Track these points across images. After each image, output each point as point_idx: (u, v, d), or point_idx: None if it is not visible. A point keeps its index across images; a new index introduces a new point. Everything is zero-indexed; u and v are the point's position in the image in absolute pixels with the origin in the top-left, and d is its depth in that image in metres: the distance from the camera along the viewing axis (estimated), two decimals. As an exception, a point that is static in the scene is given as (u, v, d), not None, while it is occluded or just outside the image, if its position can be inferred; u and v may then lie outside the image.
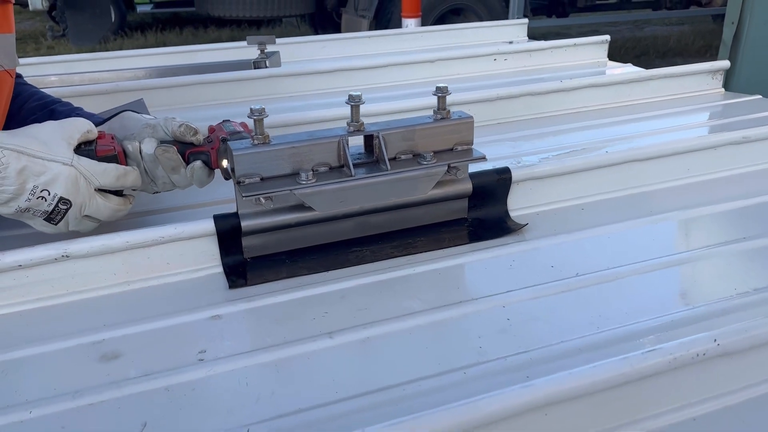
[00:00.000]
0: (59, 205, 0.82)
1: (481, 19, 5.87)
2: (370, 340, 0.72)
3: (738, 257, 0.86)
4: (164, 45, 7.52)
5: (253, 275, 0.85)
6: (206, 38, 7.81)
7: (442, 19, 5.68)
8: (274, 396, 0.63)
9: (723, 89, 1.64)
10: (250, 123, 0.88)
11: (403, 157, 0.90)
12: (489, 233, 0.94)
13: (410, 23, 3.85)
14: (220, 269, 0.87)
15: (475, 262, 0.87)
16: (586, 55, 2.00)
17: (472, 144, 0.93)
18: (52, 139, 0.83)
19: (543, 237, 0.92)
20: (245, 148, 0.83)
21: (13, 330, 0.76)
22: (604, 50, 2.02)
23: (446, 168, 0.89)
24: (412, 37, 2.31)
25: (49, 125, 0.85)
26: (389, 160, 0.88)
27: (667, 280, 0.83)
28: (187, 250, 0.85)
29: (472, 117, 0.92)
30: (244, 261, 0.88)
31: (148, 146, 0.91)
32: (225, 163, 0.90)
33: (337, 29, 6.38)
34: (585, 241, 0.91)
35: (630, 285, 0.81)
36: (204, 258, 0.87)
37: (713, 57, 7.71)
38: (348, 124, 0.88)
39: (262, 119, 0.83)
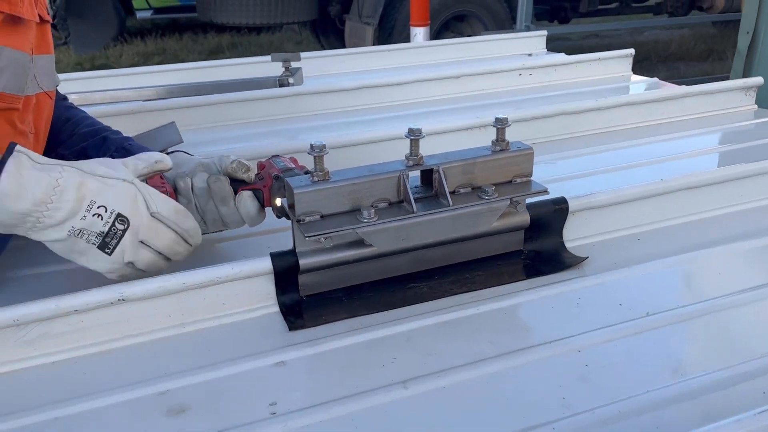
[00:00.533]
0: (116, 224, 0.77)
1: (485, 26, 5.85)
2: (446, 389, 0.69)
3: (809, 293, 0.84)
4: (164, 51, 7.50)
5: (312, 316, 0.82)
6: (206, 44, 7.78)
7: (446, 26, 5.66)
8: (356, 455, 0.61)
9: (756, 105, 1.62)
10: (303, 159, 0.85)
11: (462, 190, 0.87)
12: (548, 267, 0.91)
13: (419, 32, 3.83)
14: (275, 308, 0.84)
15: (540, 300, 0.84)
16: (610, 69, 1.99)
17: (531, 175, 0.90)
18: (116, 164, 0.81)
19: (604, 271, 0.90)
20: (305, 185, 0.80)
21: (70, 379, 0.73)
22: (628, 64, 2.01)
23: (508, 202, 0.86)
24: (432, 50, 2.28)
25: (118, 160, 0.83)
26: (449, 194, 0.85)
27: (747, 319, 0.80)
28: (242, 289, 0.83)
29: (531, 148, 0.89)
30: (300, 299, 0.85)
31: (200, 180, 0.88)
32: (279, 201, 0.87)
33: (339, 36, 6.35)
34: (649, 275, 0.89)
35: (706, 325, 0.78)
36: (259, 297, 0.84)
37: (715, 62, 7.72)
38: (407, 157, 0.85)
39: (323, 156, 0.80)
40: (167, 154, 0.94)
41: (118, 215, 0.77)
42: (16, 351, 0.74)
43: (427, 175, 0.87)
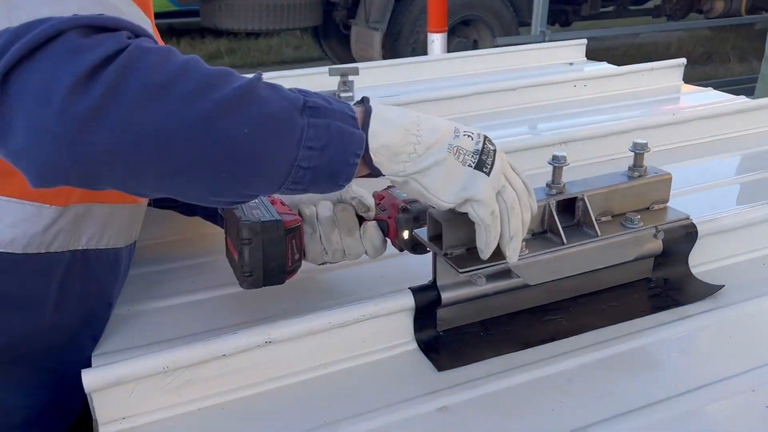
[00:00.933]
0: (486, 143, 0.69)
1: (491, 30, 5.84)
2: (630, 436, 0.65)
3: None
4: (163, 56, 7.41)
5: (454, 354, 0.78)
6: (204, 49, 7.71)
7: (452, 31, 5.64)
8: None
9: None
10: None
11: (603, 219, 0.84)
12: (683, 296, 0.88)
13: (436, 38, 3.80)
14: (412, 345, 0.80)
15: (690, 333, 0.81)
16: (662, 79, 1.96)
17: (667, 201, 0.87)
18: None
19: (743, 300, 0.87)
20: (452, 217, 0.76)
21: (217, 428, 0.68)
22: (680, 73, 1.98)
23: (654, 230, 0.83)
24: (470, 61, 2.24)
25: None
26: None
27: None
28: (382, 326, 0.79)
29: (669, 174, 0.86)
30: (437, 335, 0.81)
31: (325, 209, 0.84)
32: (406, 233, 0.83)
33: (343, 41, 6.31)
34: (792, 304, 0.86)
35: None
36: (397, 333, 0.80)
37: (715, 65, 7.71)
38: (549, 185, 0.82)
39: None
40: None
41: (485, 137, 0.70)
42: (162, 398, 0.70)
43: (567, 203, 0.83)
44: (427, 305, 0.80)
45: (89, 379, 0.65)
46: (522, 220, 0.72)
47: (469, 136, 0.69)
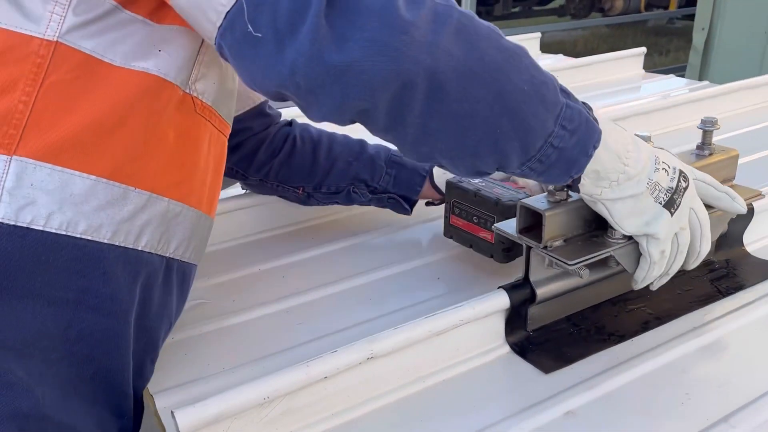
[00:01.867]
0: (681, 180, 0.69)
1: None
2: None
3: None
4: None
5: (556, 355, 0.73)
6: None
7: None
8: None
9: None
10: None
11: (681, 201, 0.81)
12: (751, 277, 0.86)
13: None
14: (505, 348, 0.74)
15: (777, 312, 0.79)
16: (624, 68, 2.00)
17: (734, 179, 0.86)
18: None
19: (810, 276, 0.86)
20: (552, 207, 0.70)
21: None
22: (640, 62, 2.03)
23: (748, 204, 0.81)
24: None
25: None
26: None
27: None
28: (474, 330, 0.72)
29: (737, 151, 0.85)
30: (528, 335, 0.75)
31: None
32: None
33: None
34: None
35: None
36: (490, 337, 0.74)
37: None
38: (629, 169, 0.77)
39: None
40: None
41: (681, 172, 0.70)
42: (261, 434, 0.60)
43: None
44: (520, 304, 0.74)
45: (185, 421, 0.55)
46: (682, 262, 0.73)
47: (665, 169, 0.69)
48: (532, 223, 0.72)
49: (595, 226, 0.75)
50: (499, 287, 0.74)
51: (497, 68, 0.55)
